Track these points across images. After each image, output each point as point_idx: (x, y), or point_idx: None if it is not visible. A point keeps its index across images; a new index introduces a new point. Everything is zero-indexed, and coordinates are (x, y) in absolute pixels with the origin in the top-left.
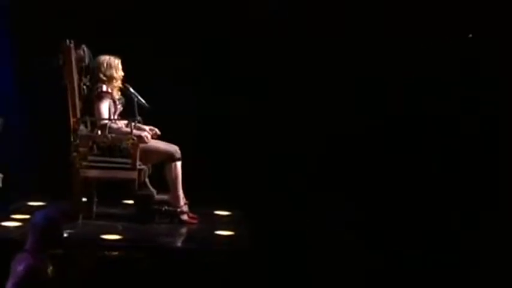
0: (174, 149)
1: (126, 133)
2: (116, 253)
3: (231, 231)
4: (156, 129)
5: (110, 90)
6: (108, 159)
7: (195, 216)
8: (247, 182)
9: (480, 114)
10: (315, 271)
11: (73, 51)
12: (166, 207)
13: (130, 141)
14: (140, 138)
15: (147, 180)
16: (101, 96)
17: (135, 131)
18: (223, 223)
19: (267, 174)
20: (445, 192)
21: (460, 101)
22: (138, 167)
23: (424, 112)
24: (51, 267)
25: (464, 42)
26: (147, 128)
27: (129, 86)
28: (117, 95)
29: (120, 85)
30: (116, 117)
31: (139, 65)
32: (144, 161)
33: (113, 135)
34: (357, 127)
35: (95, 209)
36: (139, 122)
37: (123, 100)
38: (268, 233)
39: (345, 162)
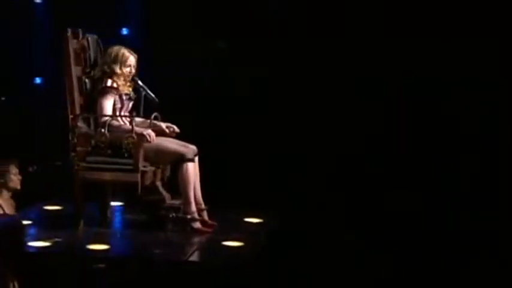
0: (187, 149)
1: (128, 131)
2: (98, 265)
3: (243, 242)
4: (174, 127)
5: (115, 85)
6: (110, 159)
7: (213, 223)
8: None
9: (480, 115)
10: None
11: (71, 41)
12: (173, 214)
13: (130, 139)
14: (142, 137)
15: (158, 183)
16: (104, 91)
17: (136, 129)
18: (243, 232)
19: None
20: (445, 192)
21: (460, 101)
22: (141, 168)
23: (424, 112)
24: (14, 281)
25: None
26: (163, 125)
27: (137, 79)
28: (126, 90)
29: (128, 79)
30: (123, 113)
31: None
32: (155, 161)
33: (112, 133)
34: (357, 127)
35: (109, 214)
36: (156, 119)
37: (132, 95)
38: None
39: (346, 162)
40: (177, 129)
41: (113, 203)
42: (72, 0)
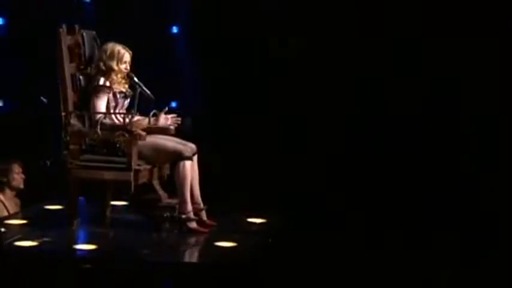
0: (185, 147)
1: (120, 129)
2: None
3: (237, 242)
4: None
5: (108, 84)
6: (103, 158)
7: (211, 223)
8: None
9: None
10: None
11: (65, 37)
12: (168, 214)
13: (121, 138)
14: (134, 135)
15: (155, 182)
16: (97, 90)
17: (128, 127)
18: (241, 232)
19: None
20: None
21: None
22: (135, 167)
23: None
24: None
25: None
26: (163, 118)
27: (133, 75)
28: (122, 87)
29: (124, 77)
30: (118, 111)
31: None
32: (152, 160)
33: (105, 131)
34: (359, 127)
35: (108, 214)
36: (155, 115)
37: (128, 93)
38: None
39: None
40: (178, 119)
41: (117, 203)
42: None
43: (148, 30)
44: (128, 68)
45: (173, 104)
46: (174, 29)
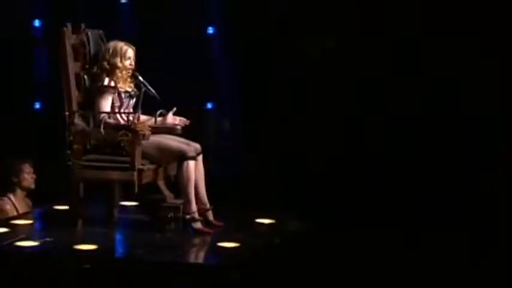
0: (189, 146)
1: (123, 128)
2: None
3: (239, 242)
4: (184, 119)
5: (112, 84)
6: (107, 158)
7: (218, 224)
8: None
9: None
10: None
11: (68, 36)
12: (172, 214)
13: (124, 137)
14: (136, 134)
15: (161, 182)
16: (102, 90)
17: (131, 126)
18: (247, 233)
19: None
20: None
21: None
22: (138, 167)
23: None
24: None
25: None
26: (170, 118)
27: (138, 74)
28: (127, 86)
29: (129, 75)
30: (123, 111)
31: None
32: (156, 160)
33: (108, 131)
34: (359, 127)
35: (116, 214)
36: (161, 115)
37: (133, 93)
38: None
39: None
40: (186, 121)
41: (127, 203)
42: None
43: (184, 30)
44: (133, 64)
45: (209, 106)
46: (210, 30)
